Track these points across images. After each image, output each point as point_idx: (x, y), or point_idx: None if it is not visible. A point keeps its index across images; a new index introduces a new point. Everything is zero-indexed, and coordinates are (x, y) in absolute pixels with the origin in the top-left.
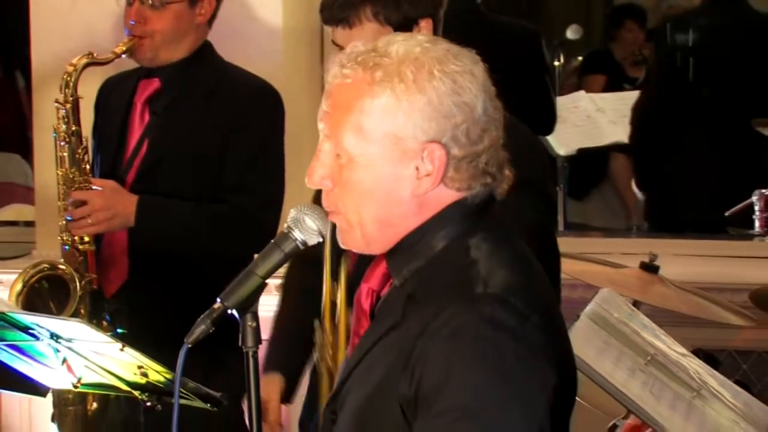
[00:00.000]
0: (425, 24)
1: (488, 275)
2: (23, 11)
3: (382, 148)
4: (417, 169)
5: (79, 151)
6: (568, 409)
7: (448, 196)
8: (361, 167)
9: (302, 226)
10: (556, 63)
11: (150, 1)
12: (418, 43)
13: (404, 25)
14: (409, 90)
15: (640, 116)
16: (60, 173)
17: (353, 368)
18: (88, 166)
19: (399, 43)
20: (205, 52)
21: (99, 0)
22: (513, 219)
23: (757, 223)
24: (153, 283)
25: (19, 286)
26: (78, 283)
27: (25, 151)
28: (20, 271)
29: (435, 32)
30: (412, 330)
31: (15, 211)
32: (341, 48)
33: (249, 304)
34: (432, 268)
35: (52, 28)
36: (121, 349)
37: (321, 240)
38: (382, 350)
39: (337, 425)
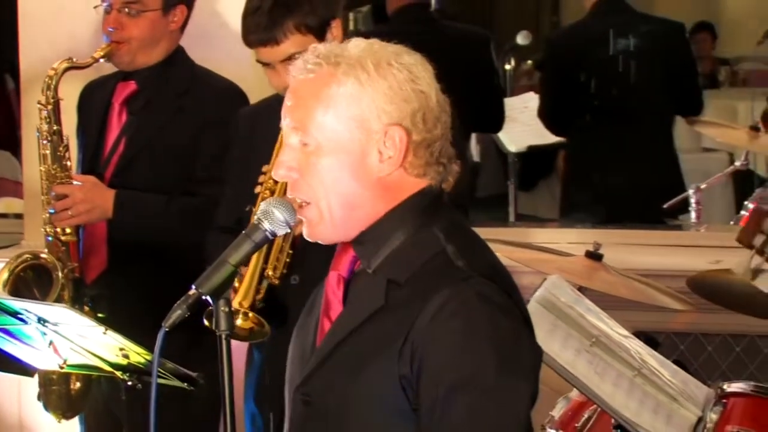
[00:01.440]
0: (336, 24)
1: (468, 260)
2: (12, 19)
3: (348, 132)
4: (380, 152)
5: (61, 148)
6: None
7: (409, 183)
8: (328, 152)
9: (271, 218)
10: (507, 66)
11: (127, 10)
12: (375, 42)
13: (320, 28)
14: (372, 77)
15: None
16: (43, 169)
17: (331, 351)
18: (69, 163)
19: (357, 41)
20: (177, 57)
21: (83, 8)
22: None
23: (693, 215)
24: (131, 271)
25: (5, 275)
26: (60, 271)
27: (15, 148)
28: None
29: (344, 31)
30: (404, 314)
31: (5, 204)
32: (267, 65)
33: (222, 291)
34: (405, 255)
35: (39, 34)
36: (104, 333)
37: (288, 231)
38: (369, 333)
39: (313, 407)
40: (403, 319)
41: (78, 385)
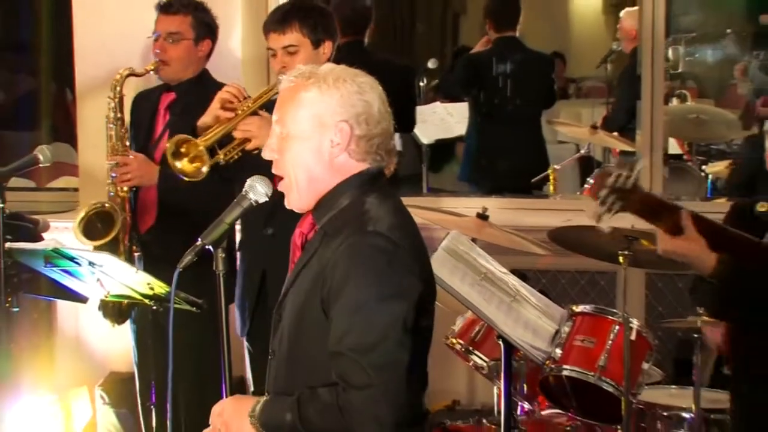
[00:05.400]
0: (327, 44)
1: (377, 219)
2: (70, 46)
3: (310, 125)
4: (331, 140)
5: (122, 131)
6: (431, 308)
7: (353, 165)
8: (296, 139)
9: (254, 190)
10: (421, 84)
11: (170, 39)
12: (341, 66)
13: (316, 41)
14: (330, 88)
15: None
16: (109, 145)
17: (291, 283)
18: (127, 142)
19: (327, 65)
20: (204, 75)
21: (126, 38)
22: None
23: (551, 188)
24: (173, 223)
25: (81, 214)
26: (119, 215)
27: (72, 141)
28: (68, 220)
29: (334, 53)
30: (325, 254)
31: (65, 181)
32: (274, 51)
33: (220, 242)
34: (339, 216)
35: (88, 58)
36: (136, 272)
37: (267, 199)
38: (307, 270)
39: (282, 322)
40: (324, 259)
41: (126, 301)
